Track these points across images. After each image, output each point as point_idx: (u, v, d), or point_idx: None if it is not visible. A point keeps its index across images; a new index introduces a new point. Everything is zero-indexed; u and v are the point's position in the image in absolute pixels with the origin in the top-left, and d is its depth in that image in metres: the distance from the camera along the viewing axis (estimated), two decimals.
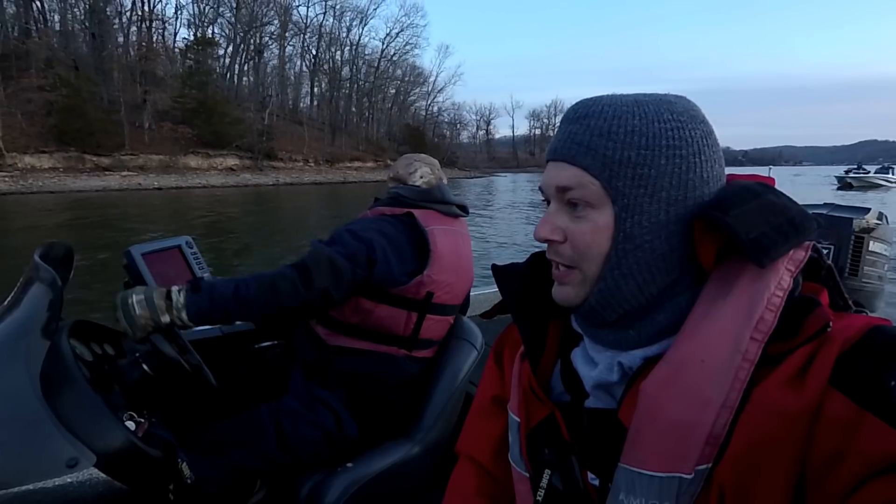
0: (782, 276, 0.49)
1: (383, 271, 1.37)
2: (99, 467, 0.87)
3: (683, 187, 0.52)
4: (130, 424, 0.98)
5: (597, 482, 0.56)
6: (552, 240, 0.56)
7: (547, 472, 0.59)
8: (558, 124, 0.59)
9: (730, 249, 0.51)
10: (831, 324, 0.46)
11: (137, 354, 1.14)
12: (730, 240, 0.50)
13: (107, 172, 33.35)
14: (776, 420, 0.43)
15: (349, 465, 1.28)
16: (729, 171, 0.58)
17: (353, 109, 61.54)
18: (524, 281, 0.65)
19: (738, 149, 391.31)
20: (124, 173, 33.71)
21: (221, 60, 48.85)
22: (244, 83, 52.14)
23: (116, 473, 0.90)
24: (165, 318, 1.16)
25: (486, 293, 2.56)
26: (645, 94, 0.55)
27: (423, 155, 1.63)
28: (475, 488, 0.74)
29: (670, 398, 0.48)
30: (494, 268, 0.68)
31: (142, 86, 39.17)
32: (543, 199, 0.59)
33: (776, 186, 0.55)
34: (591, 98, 0.56)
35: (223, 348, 1.70)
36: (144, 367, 1.13)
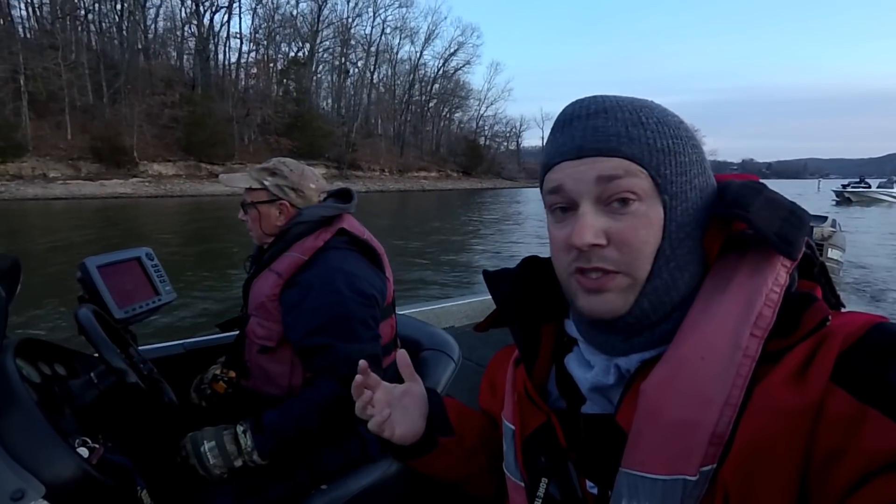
0: (779, 272, 0.48)
1: (381, 304, 1.31)
2: (48, 499, 0.77)
3: (705, 174, 0.52)
4: (83, 451, 0.88)
5: (595, 490, 0.53)
6: (597, 244, 0.49)
7: (543, 480, 0.57)
8: (561, 125, 0.53)
9: (728, 246, 0.51)
10: (830, 319, 0.45)
11: (91, 374, 1.04)
12: (734, 236, 0.50)
13: None
14: (779, 418, 0.42)
15: (324, 487, 1.18)
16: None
17: (421, 121, 64.71)
18: (517, 285, 0.63)
19: (761, 161, 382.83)
20: None
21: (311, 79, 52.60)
22: (323, 100, 56.09)
23: None
24: (238, 463, 1.12)
25: (460, 304, 2.38)
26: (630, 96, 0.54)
27: (290, 160, 1.42)
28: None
29: (672, 398, 0.46)
30: (486, 273, 0.65)
31: (246, 102, 42.49)
32: (558, 203, 0.52)
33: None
34: (592, 97, 0.53)
35: (187, 365, 1.55)
36: (99, 387, 1.02)
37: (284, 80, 47.36)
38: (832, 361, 0.42)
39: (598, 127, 0.50)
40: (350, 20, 56.05)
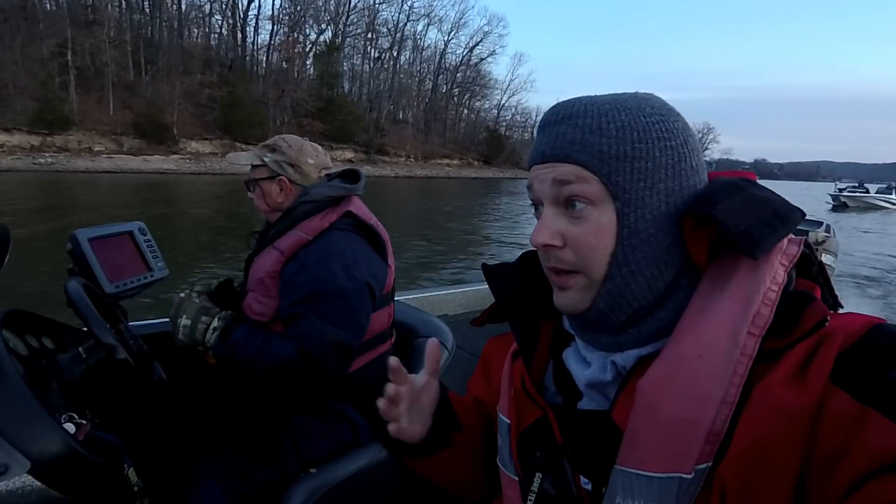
0: (777, 271, 0.47)
1: (378, 291, 1.29)
2: (33, 474, 0.76)
3: (678, 177, 0.50)
4: (70, 426, 0.85)
5: (589, 486, 0.53)
6: (552, 245, 0.51)
7: (538, 475, 0.56)
8: (539, 129, 0.55)
9: (722, 245, 0.50)
10: (829, 319, 0.44)
11: (80, 349, 1.00)
12: (720, 234, 0.48)
13: None
14: (779, 417, 0.41)
15: (313, 471, 1.17)
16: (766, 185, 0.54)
17: (444, 109, 64.49)
18: (516, 280, 0.62)
19: (773, 162, 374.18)
20: None
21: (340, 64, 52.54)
22: (350, 83, 56.08)
23: (53, 481, 0.79)
24: (199, 347, 1.21)
25: (454, 293, 2.40)
26: (618, 93, 0.53)
27: (292, 136, 1.39)
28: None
29: (669, 395, 0.45)
30: (485, 267, 0.64)
31: (279, 84, 42.81)
32: (531, 202, 0.55)
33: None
34: (568, 100, 0.53)
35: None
36: (87, 362, 0.99)
37: (316, 64, 47.54)
38: (832, 362, 0.41)
39: (559, 134, 0.51)
40: (377, 5, 56.29)
